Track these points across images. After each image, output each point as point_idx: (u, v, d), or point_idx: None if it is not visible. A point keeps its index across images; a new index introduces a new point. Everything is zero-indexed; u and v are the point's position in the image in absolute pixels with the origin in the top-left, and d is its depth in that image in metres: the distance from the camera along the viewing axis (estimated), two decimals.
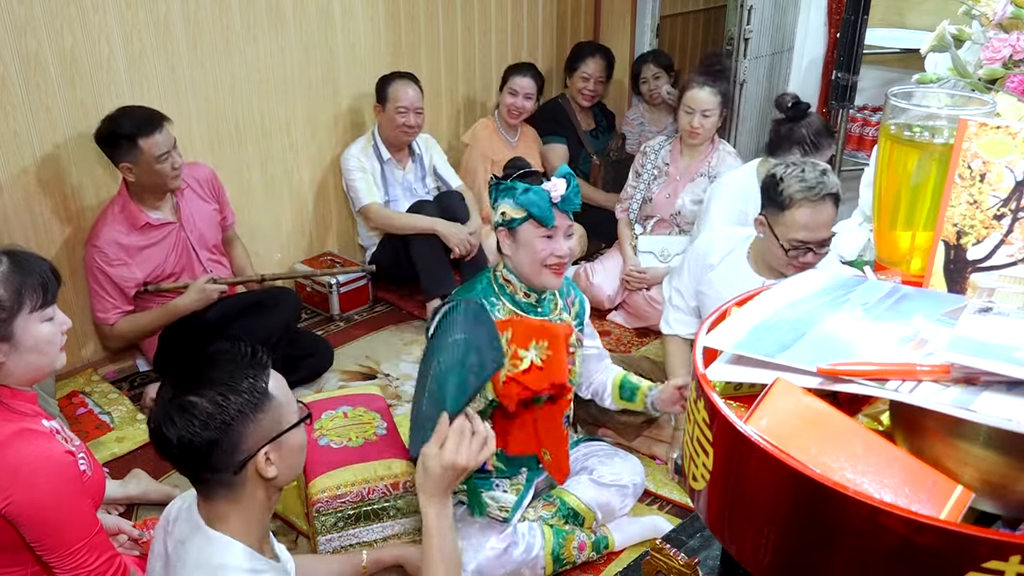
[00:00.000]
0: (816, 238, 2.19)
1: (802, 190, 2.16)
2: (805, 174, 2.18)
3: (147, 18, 2.84)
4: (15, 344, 1.57)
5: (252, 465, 1.31)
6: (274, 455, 1.33)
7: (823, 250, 2.22)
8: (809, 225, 2.17)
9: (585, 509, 2.18)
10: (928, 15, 3.72)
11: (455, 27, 3.91)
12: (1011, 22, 1.65)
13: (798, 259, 2.23)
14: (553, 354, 2.03)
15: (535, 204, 2.01)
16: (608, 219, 3.64)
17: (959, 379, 0.86)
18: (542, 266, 2.05)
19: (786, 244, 2.22)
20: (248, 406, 1.28)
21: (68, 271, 2.85)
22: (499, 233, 2.10)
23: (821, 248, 2.22)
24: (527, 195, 2.02)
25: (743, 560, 0.95)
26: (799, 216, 2.17)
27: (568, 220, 2.07)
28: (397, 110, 3.31)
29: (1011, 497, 0.86)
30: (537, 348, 2.03)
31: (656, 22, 4.63)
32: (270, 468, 1.32)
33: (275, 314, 2.84)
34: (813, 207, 2.15)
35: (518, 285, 2.10)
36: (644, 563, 1.49)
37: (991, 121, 1.04)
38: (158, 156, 2.60)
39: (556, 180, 2.04)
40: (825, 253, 2.24)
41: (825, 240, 2.21)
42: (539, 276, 2.06)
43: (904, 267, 1.22)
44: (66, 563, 1.59)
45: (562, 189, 2.03)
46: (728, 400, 0.97)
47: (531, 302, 2.11)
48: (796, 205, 2.17)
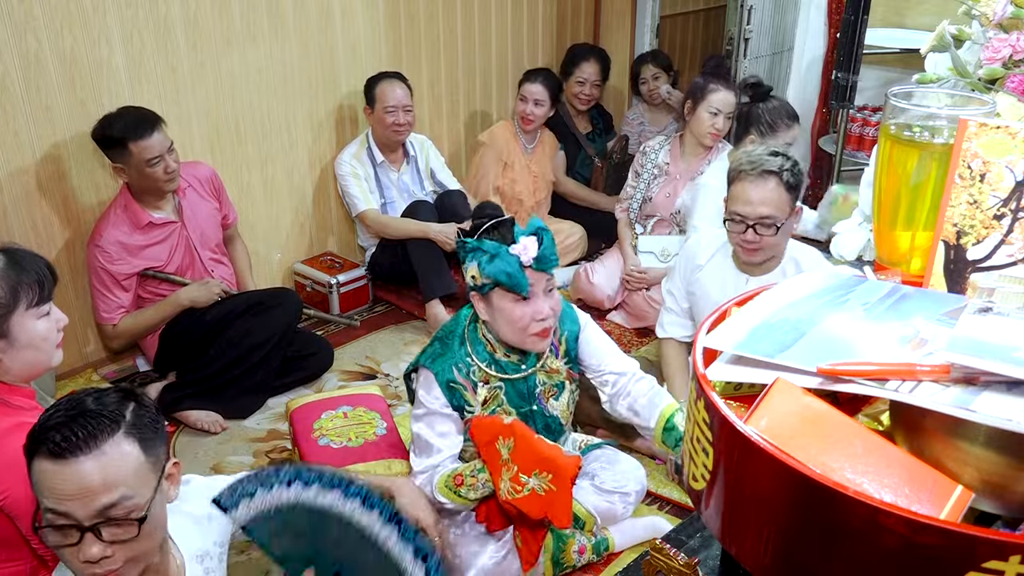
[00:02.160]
0: (753, 213, 2.22)
1: (744, 163, 2.23)
2: (753, 151, 2.25)
3: (147, 18, 2.84)
4: (11, 340, 1.59)
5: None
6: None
7: (765, 231, 2.23)
8: (745, 199, 2.22)
9: (586, 514, 2.17)
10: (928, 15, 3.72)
11: (455, 27, 3.91)
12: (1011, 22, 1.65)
13: (738, 235, 2.26)
14: (557, 489, 1.85)
15: (503, 272, 1.84)
16: (608, 219, 3.64)
17: (959, 379, 0.86)
18: (525, 333, 1.93)
19: (727, 215, 2.28)
20: None
21: (68, 271, 2.85)
22: (472, 297, 1.96)
23: (762, 227, 2.22)
24: (494, 263, 1.85)
25: (743, 560, 0.95)
26: (737, 189, 2.24)
27: (546, 277, 1.91)
28: (386, 110, 3.31)
29: (1011, 497, 0.86)
30: (539, 479, 1.87)
31: (656, 22, 4.63)
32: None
33: (276, 314, 2.84)
34: (752, 182, 2.21)
35: (497, 345, 2.01)
36: (644, 563, 1.49)
37: (991, 121, 1.04)
38: (149, 160, 2.59)
39: (525, 240, 1.86)
40: (768, 235, 2.24)
41: (765, 218, 2.21)
42: (523, 343, 1.96)
43: (904, 267, 1.22)
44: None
45: (533, 250, 1.86)
46: (728, 400, 0.97)
47: (512, 361, 2.03)
48: (737, 179, 2.25)
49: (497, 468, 1.91)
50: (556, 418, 2.12)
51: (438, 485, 1.97)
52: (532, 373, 2.06)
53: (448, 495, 1.97)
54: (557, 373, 2.10)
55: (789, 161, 2.23)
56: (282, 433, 2.72)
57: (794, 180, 2.23)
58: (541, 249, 1.87)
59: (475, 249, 1.90)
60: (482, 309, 1.96)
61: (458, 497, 1.96)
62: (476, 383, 2.02)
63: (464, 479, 1.95)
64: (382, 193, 3.47)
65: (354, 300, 3.51)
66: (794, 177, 2.23)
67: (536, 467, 1.87)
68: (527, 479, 1.87)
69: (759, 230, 2.23)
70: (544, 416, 2.09)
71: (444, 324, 2.16)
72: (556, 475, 1.85)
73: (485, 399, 2.03)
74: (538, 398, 2.08)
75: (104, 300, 2.71)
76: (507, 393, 2.05)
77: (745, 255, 2.32)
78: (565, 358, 2.12)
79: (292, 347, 2.93)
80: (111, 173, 2.75)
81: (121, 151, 2.58)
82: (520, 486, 1.87)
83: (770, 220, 2.22)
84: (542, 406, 2.09)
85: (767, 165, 2.20)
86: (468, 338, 2.03)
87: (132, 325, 2.77)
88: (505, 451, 1.89)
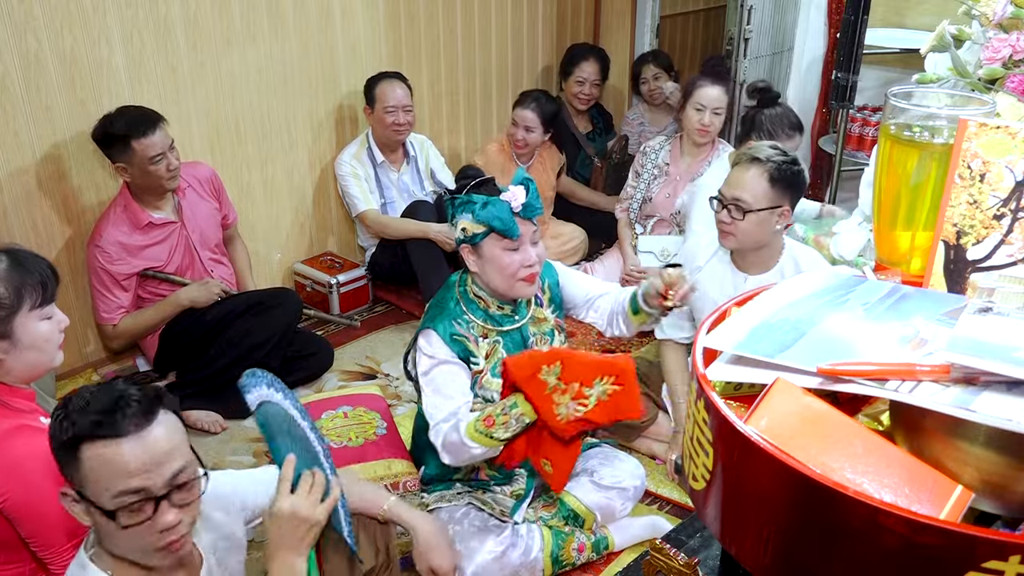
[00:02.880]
0: (728, 194, 2.28)
1: (743, 152, 2.32)
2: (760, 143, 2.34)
3: (147, 18, 2.84)
4: (14, 341, 1.59)
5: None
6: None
7: (735, 214, 2.26)
8: (728, 180, 2.30)
9: (585, 511, 2.18)
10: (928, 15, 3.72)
11: (455, 27, 3.91)
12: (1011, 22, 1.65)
13: (716, 214, 2.33)
14: (622, 388, 1.88)
15: (496, 218, 1.93)
16: (608, 220, 3.64)
17: (959, 379, 0.86)
18: (514, 279, 1.99)
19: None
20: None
21: (68, 271, 2.85)
22: (462, 250, 2.03)
23: (733, 210, 2.27)
24: (487, 209, 1.94)
25: (743, 560, 0.95)
26: (729, 174, 2.32)
27: (533, 226, 2.00)
28: (386, 110, 3.31)
29: (1011, 497, 0.86)
30: (602, 385, 1.89)
31: (656, 22, 4.63)
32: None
33: (276, 314, 2.84)
34: (738, 166, 2.28)
35: (490, 300, 2.06)
36: (644, 563, 1.49)
37: (991, 121, 1.04)
38: (151, 157, 2.59)
39: (514, 188, 1.96)
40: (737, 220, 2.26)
41: (737, 200, 2.25)
42: (512, 289, 2.02)
43: (904, 267, 1.22)
44: (61, 559, 1.59)
45: (522, 197, 1.95)
46: (728, 400, 0.97)
47: (506, 313, 2.08)
48: (733, 166, 2.33)
49: (546, 398, 1.89)
50: None
51: (467, 432, 1.93)
52: (525, 323, 2.11)
53: (479, 439, 1.93)
54: (545, 321, 2.15)
55: (785, 158, 2.24)
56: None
57: (779, 174, 2.22)
58: (528, 196, 1.97)
59: (466, 201, 1.98)
60: (472, 261, 2.02)
61: (489, 439, 1.93)
62: (476, 337, 2.05)
63: (495, 419, 1.93)
64: (382, 193, 3.48)
65: (354, 300, 3.52)
66: (780, 172, 2.22)
67: (596, 375, 1.88)
68: (590, 390, 1.88)
69: (731, 210, 2.25)
70: None
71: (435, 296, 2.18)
72: (619, 375, 1.88)
73: (487, 353, 2.06)
74: (532, 346, 2.11)
75: (104, 300, 2.72)
76: (505, 346, 2.07)
77: (721, 238, 2.35)
78: (551, 306, 2.18)
79: (292, 347, 2.93)
80: (111, 173, 2.75)
81: (123, 149, 2.58)
82: (586, 399, 1.88)
83: (741, 204, 2.24)
84: None
85: (757, 153, 2.26)
86: (461, 298, 2.08)
87: (132, 325, 2.77)
88: (552, 378, 1.89)
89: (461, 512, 2.11)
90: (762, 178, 2.22)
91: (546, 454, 2.00)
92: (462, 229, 1.99)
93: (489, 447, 1.93)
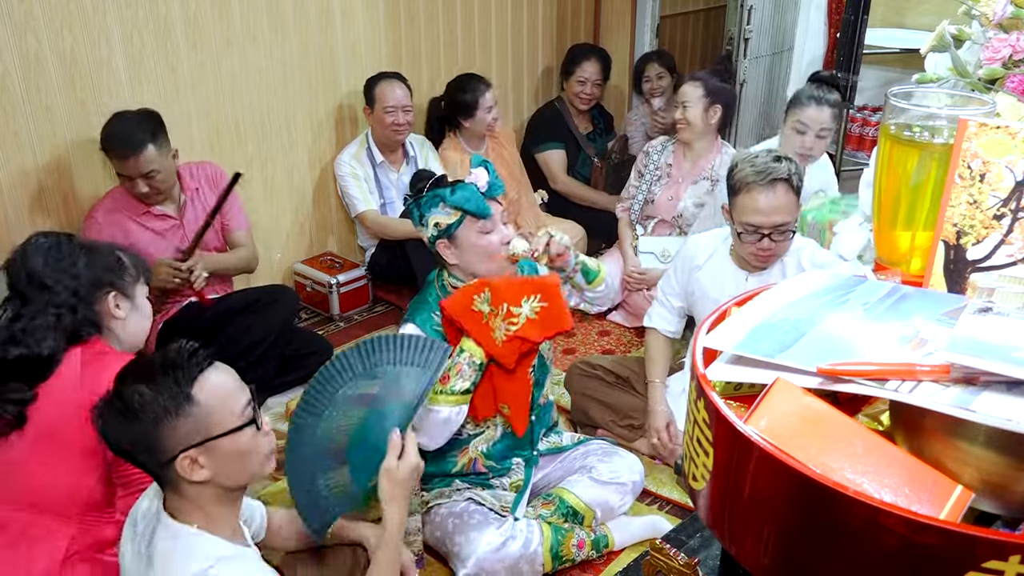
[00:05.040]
0: (768, 223, 2.21)
1: (751, 174, 2.20)
2: (757, 160, 2.22)
3: (147, 18, 2.84)
4: (135, 305, 1.85)
5: (176, 467, 1.30)
6: (204, 459, 1.31)
7: (781, 237, 2.23)
8: (758, 209, 2.20)
9: (584, 507, 2.18)
10: (928, 15, 3.72)
11: (455, 27, 3.91)
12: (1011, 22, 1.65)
13: (753, 245, 2.25)
14: (549, 303, 2.02)
15: (468, 200, 2.00)
16: (608, 219, 3.64)
17: (959, 379, 0.86)
18: (497, 258, 2.05)
19: (739, 228, 2.26)
20: (163, 409, 1.28)
21: None
22: (438, 247, 2.07)
23: (778, 235, 2.22)
24: (457, 194, 2.01)
25: (743, 560, 0.95)
26: (748, 200, 2.21)
27: (500, 206, 2.07)
28: (385, 110, 3.31)
29: (1011, 497, 0.86)
30: (529, 303, 2.02)
31: (656, 22, 4.64)
32: (197, 471, 1.30)
33: (273, 312, 2.82)
34: (762, 191, 2.18)
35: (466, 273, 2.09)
36: (644, 563, 1.49)
37: (991, 121, 1.04)
38: (134, 176, 2.58)
39: (476, 171, 2.04)
40: (783, 240, 2.24)
41: (780, 226, 2.21)
42: (498, 268, 2.06)
43: (904, 267, 1.22)
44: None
45: (485, 177, 2.03)
46: (728, 400, 0.97)
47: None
48: (746, 189, 2.21)
49: (484, 327, 2.01)
50: (540, 354, 2.17)
51: (430, 401, 2.00)
52: None
53: (442, 400, 2.00)
54: None
55: (792, 164, 2.23)
56: (282, 433, 2.71)
57: (799, 183, 2.23)
58: (490, 176, 2.04)
59: (432, 196, 2.02)
60: (450, 254, 2.06)
61: (451, 395, 2.00)
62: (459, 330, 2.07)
63: (449, 372, 2.00)
64: (381, 193, 3.48)
65: (354, 300, 3.52)
66: (799, 180, 2.23)
67: (523, 294, 2.02)
68: (518, 309, 2.01)
69: (775, 237, 2.22)
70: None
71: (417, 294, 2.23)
72: (543, 291, 2.02)
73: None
74: None
75: None
76: None
77: (759, 262, 2.31)
78: None
79: (291, 346, 2.92)
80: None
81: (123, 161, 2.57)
82: (515, 318, 2.01)
83: (785, 226, 2.21)
84: None
85: (775, 173, 2.18)
86: (440, 292, 2.11)
87: None
88: (484, 305, 2.00)
89: (461, 507, 2.12)
90: (790, 193, 2.20)
91: (502, 398, 2.10)
92: (435, 225, 2.03)
93: (455, 404, 2.01)
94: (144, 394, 1.28)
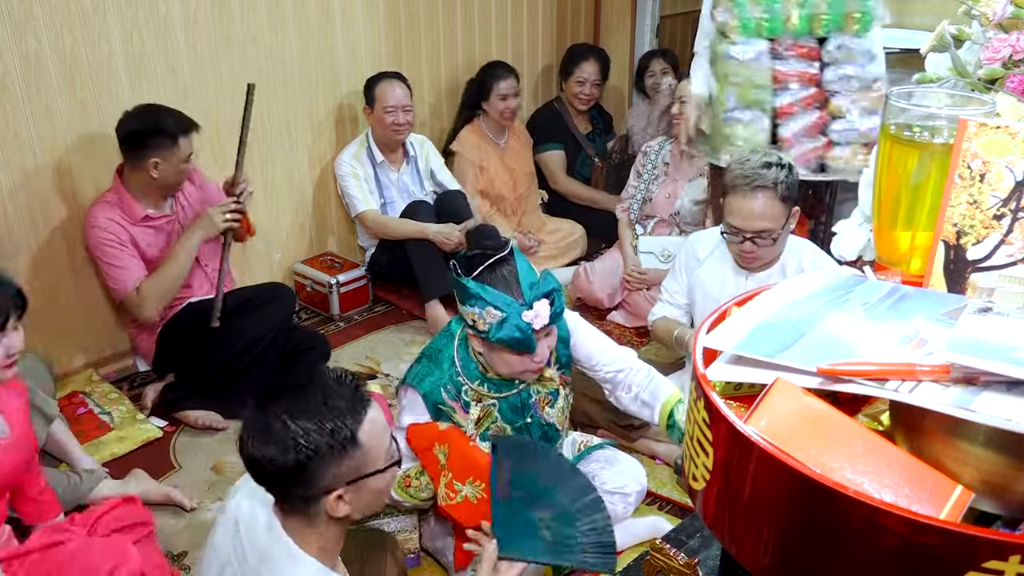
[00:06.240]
0: (748, 227, 2.21)
1: (739, 177, 2.20)
2: (747, 163, 2.21)
3: (147, 18, 2.84)
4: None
5: (324, 502, 1.29)
6: (350, 495, 1.30)
7: (763, 242, 2.23)
8: (739, 212, 2.20)
9: None
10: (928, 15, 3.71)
11: (455, 27, 3.91)
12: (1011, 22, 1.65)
13: (736, 246, 2.26)
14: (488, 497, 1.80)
15: (514, 340, 1.78)
16: (608, 219, 3.64)
17: (959, 379, 0.86)
18: (519, 374, 1.93)
19: (724, 228, 2.27)
20: (329, 450, 1.25)
21: (69, 271, 2.85)
22: (468, 333, 1.90)
23: (760, 240, 2.22)
24: (503, 330, 1.76)
25: (743, 560, 0.95)
26: (732, 202, 2.22)
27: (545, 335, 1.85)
28: (385, 110, 3.31)
29: (1011, 497, 0.86)
30: (473, 487, 1.87)
31: (656, 22, 4.63)
32: (341, 507, 1.30)
33: (271, 309, 2.82)
34: (744, 196, 2.18)
35: (489, 366, 1.97)
36: (644, 563, 1.49)
37: (991, 121, 1.04)
38: (188, 156, 2.65)
39: (539, 306, 1.78)
40: (767, 246, 2.23)
41: (762, 232, 2.20)
42: (514, 378, 1.97)
43: (904, 267, 1.22)
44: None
45: (546, 316, 1.79)
46: (728, 400, 0.97)
47: (505, 378, 1.99)
48: (731, 191, 2.22)
49: (436, 474, 1.93)
50: (552, 425, 2.12)
51: (395, 488, 1.99)
52: (524, 388, 2.04)
53: (403, 495, 2.01)
54: (551, 381, 2.09)
55: (783, 170, 2.20)
56: None
57: (788, 191, 2.21)
58: (553, 310, 1.81)
59: (479, 298, 1.79)
60: (478, 344, 1.92)
61: (412, 498, 2.00)
62: (468, 403, 2.00)
63: (411, 481, 1.98)
64: (382, 193, 3.48)
65: (354, 300, 3.52)
66: (788, 188, 2.21)
67: (470, 475, 1.86)
68: (461, 487, 1.87)
69: (757, 241, 2.23)
70: (541, 425, 2.09)
71: (433, 338, 2.12)
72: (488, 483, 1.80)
73: (478, 418, 2.01)
74: (533, 407, 2.07)
75: (118, 272, 2.65)
76: (500, 409, 2.03)
77: (745, 263, 2.32)
78: (557, 364, 2.09)
79: (291, 342, 2.91)
80: (111, 173, 2.73)
81: (170, 145, 2.59)
82: (454, 493, 1.87)
83: (766, 233, 2.21)
84: (538, 416, 2.08)
85: (760, 179, 2.17)
86: (459, 358, 2.00)
87: (155, 286, 2.68)
88: (442, 457, 1.90)
89: None
90: (775, 201, 2.18)
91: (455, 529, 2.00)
92: (472, 320, 1.82)
93: (415, 503, 2.01)
94: (311, 434, 1.24)
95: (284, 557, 1.32)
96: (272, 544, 1.33)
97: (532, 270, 1.87)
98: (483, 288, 1.79)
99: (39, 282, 2.78)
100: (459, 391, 2.00)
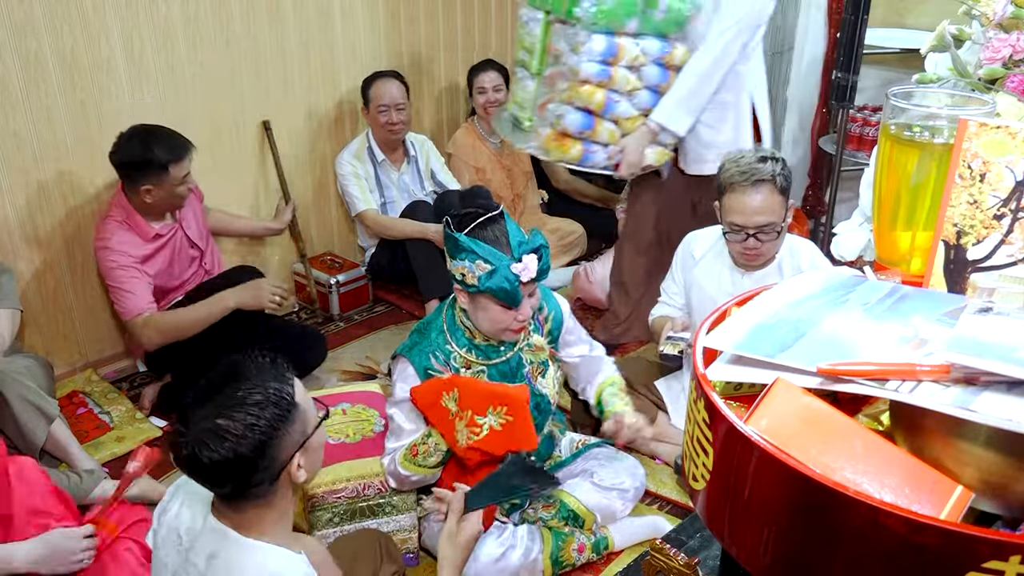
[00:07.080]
0: (751, 223, 2.21)
1: (736, 174, 2.21)
2: (742, 160, 2.22)
3: (147, 18, 2.84)
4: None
5: (286, 473, 1.33)
6: (303, 458, 1.35)
7: (766, 237, 2.23)
8: (741, 209, 2.21)
9: (585, 511, 2.18)
10: (928, 15, 3.71)
11: (455, 27, 3.91)
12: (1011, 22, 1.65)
13: (739, 244, 2.27)
14: (515, 419, 1.91)
15: (501, 289, 1.85)
16: (609, 219, 3.64)
17: (959, 379, 0.86)
18: (502, 331, 1.97)
19: (725, 227, 2.27)
20: (278, 420, 1.29)
21: (69, 271, 2.85)
22: (455, 288, 1.96)
23: (763, 235, 2.23)
24: (492, 279, 1.84)
25: (743, 560, 0.95)
26: (732, 200, 2.22)
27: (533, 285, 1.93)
28: (379, 109, 3.31)
29: (1011, 497, 0.86)
30: (495, 414, 1.92)
31: None
32: (301, 472, 1.35)
33: None
34: (745, 191, 2.19)
35: (476, 331, 2.03)
36: (644, 563, 1.49)
37: (991, 121, 1.04)
38: (183, 177, 2.63)
39: (527, 259, 1.86)
40: (770, 240, 2.24)
41: (765, 226, 2.21)
42: (497, 336, 2.01)
43: (904, 267, 1.22)
44: None
45: (534, 269, 1.86)
46: (728, 400, 0.97)
47: (492, 344, 2.05)
48: (730, 189, 2.22)
49: (449, 424, 1.96)
50: (545, 396, 2.14)
51: (400, 462, 2.03)
52: (514, 355, 2.08)
53: (411, 467, 2.03)
54: (541, 351, 2.13)
55: (779, 164, 2.22)
56: None
57: (786, 183, 2.22)
58: (540, 265, 1.89)
59: (470, 253, 1.86)
60: (464, 300, 1.98)
61: (419, 467, 2.02)
62: (457, 369, 2.04)
63: (418, 448, 2.02)
64: (382, 192, 3.48)
65: (354, 300, 3.51)
66: (786, 180, 2.22)
67: (489, 404, 1.92)
68: (483, 419, 1.92)
69: (760, 237, 2.23)
70: (535, 395, 2.10)
71: (424, 318, 2.18)
72: (510, 405, 1.91)
73: None
74: (527, 377, 2.10)
75: (125, 296, 2.61)
76: (490, 376, 2.06)
77: (747, 261, 2.32)
78: (548, 337, 2.15)
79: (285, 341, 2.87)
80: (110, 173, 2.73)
81: (160, 174, 2.57)
82: (478, 428, 1.92)
83: (770, 227, 2.22)
84: (532, 384, 2.10)
85: (759, 174, 2.18)
86: (447, 326, 2.05)
87: (163, 326, 2.62)
88: (452, 403, 1.94)
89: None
90: (775, 194, 2.19)
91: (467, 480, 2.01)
92: (461, 274, 1.89)
93: (423, 473, 2.03)
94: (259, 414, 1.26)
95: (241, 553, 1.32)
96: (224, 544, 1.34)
97: (521, 231, 1.94)
98: (475, 242, 1.86)
99: (39, 282, 2.78)
100: (448, 358, 2.04)
